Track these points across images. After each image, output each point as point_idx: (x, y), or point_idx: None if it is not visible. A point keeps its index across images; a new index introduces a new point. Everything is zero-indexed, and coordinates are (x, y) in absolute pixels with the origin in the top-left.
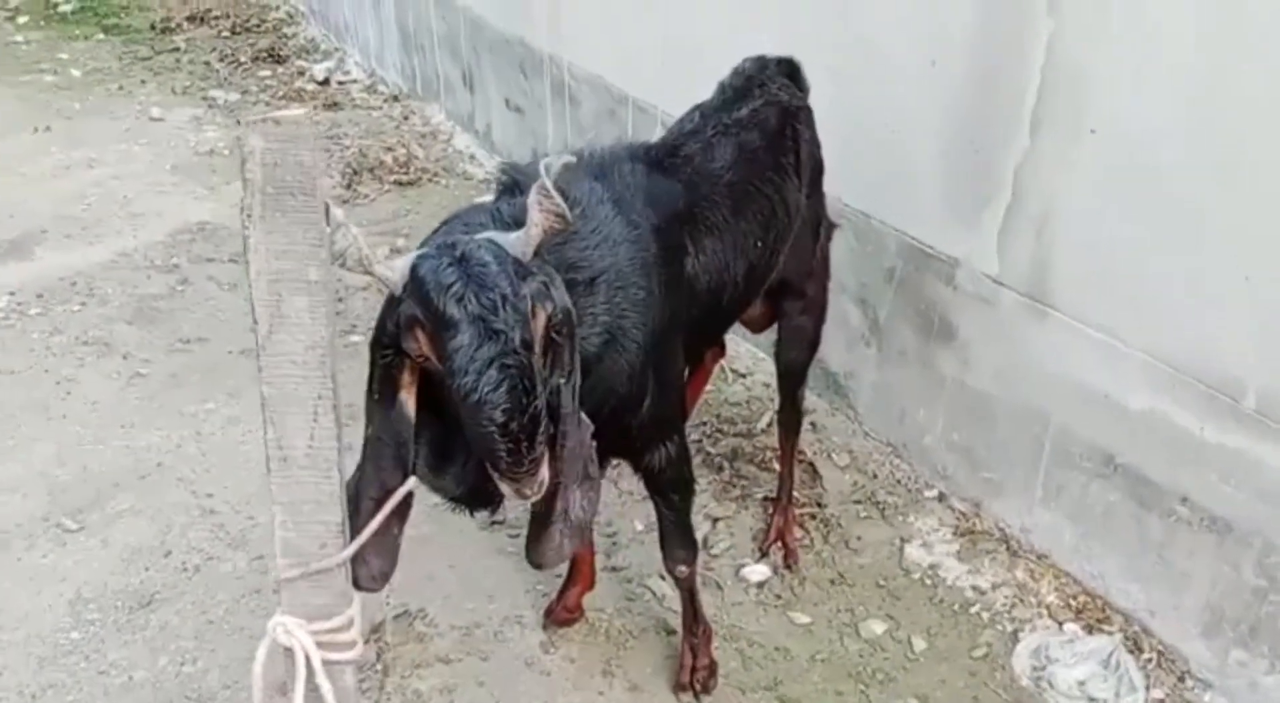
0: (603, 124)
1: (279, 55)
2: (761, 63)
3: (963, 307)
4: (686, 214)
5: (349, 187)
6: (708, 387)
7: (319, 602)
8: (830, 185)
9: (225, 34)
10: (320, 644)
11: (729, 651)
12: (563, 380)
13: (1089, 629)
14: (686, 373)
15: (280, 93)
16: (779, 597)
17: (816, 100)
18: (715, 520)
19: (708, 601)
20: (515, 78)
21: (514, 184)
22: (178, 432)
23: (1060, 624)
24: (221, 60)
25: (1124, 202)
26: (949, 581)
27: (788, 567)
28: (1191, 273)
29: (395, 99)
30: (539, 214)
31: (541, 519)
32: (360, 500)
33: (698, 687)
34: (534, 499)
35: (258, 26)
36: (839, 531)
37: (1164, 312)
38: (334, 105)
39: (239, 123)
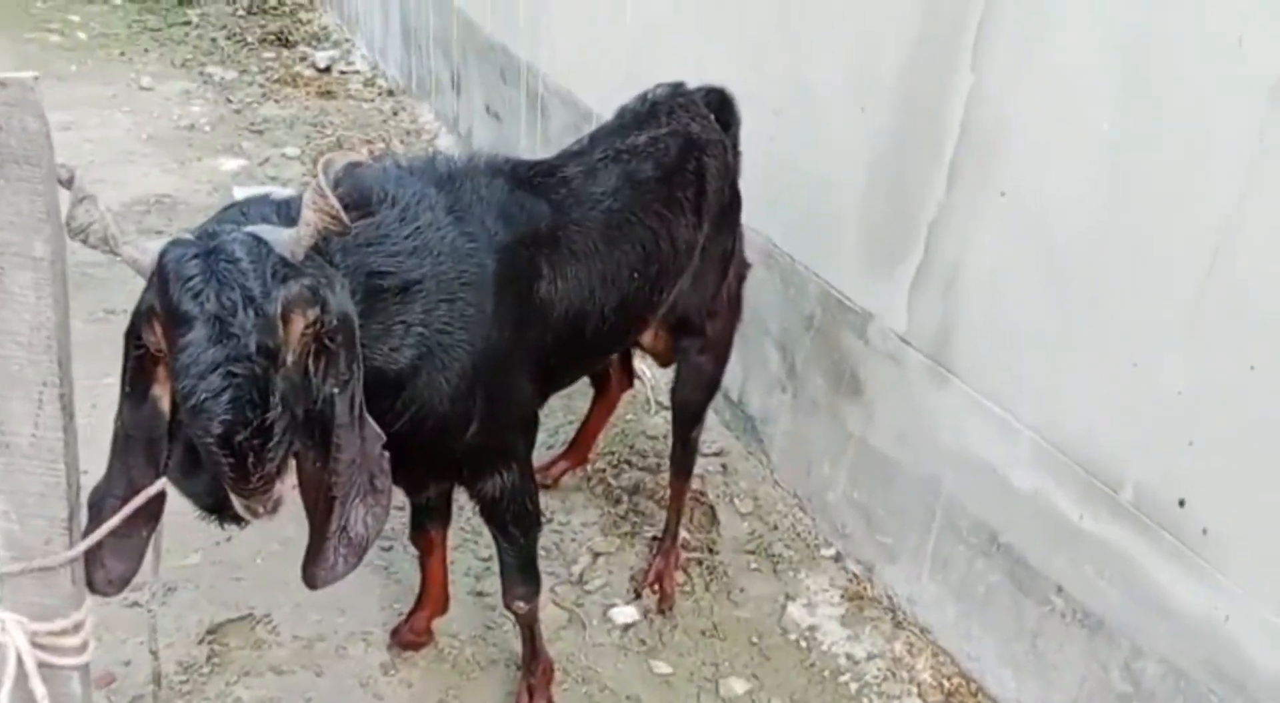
0: (568, 138)
1: (288, 39)
2: (674, 90)
3: (871, 363)
4: (548, 236)
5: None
6: (628, 416)
7: (43, 601)
8: (760, 225)
9: (240, 13)
10: (41, 646)
11: (577, 694)
12: (337, 390)
13: None
14: (591, 404)
15: (276, 76)
16: (644, 643)
17: (756, 138)
18: (597, 555)
19: (569, 638)
20: (496, 84)
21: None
22: None
23: None
24: (229, 38)
25: (1025, 270)
26: (825, 645)
27: (661, 612)
28: (1083, 352)
29: (391, 94)
30: (312, 213)
31: (316, 537)
32: (105, 498)
33: None
34: (266, 519)
35: (275, 8)
36: (724, 580)
37: (1054, 390)
38: (327, 93)
39: (228, 101)
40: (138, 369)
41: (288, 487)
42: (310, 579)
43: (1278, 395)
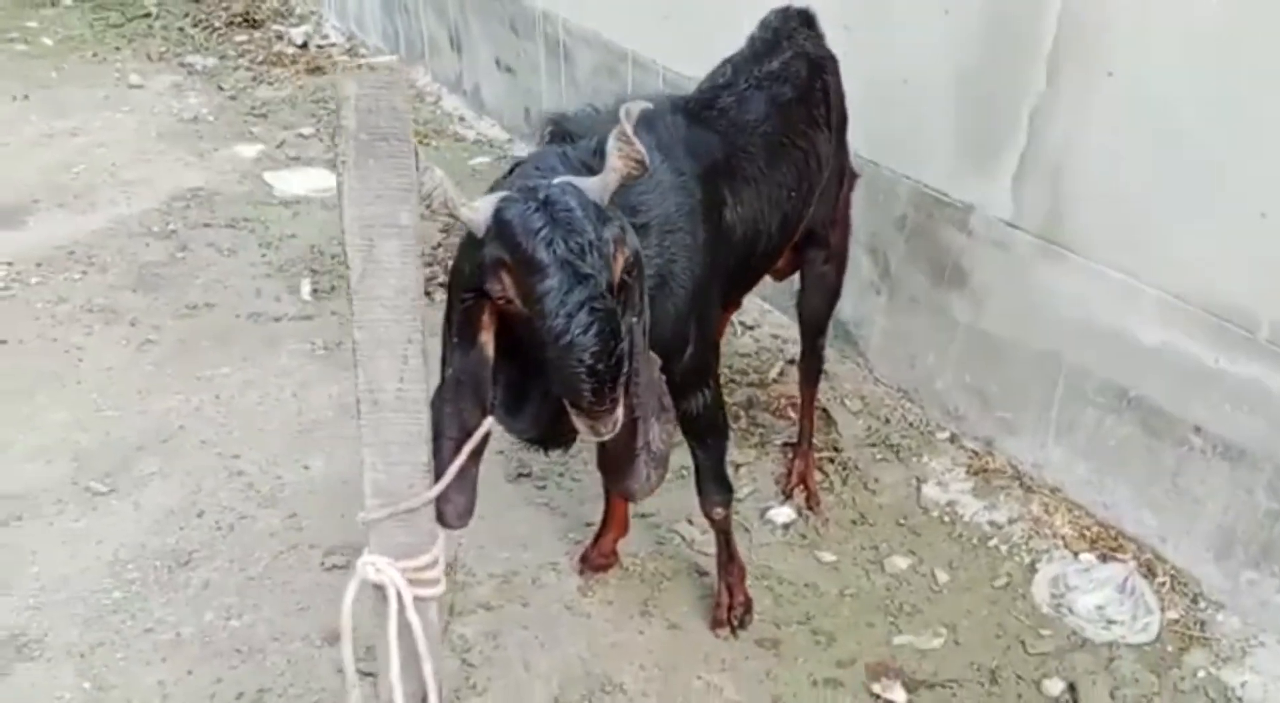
0: (601, 81)
1: (253, 19)
2: (785, 14)
3: (976, 252)
4: (724, 165)
5: None
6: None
7: (407, 541)
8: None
9: None
10: (410, 582)
11: (760, 588)
12: (635, 320)
13: (1103, 557)
14: None
15: (260, 58)
16: (804, 537)
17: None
18: (737, 467)
19: (737, 542)
20: (506, 37)
21: (563, 133)
22: (195, 396)
23: (1076, 554)
24: (195, 25)
25: (1141, 143)
26: (966, 517)
27: (810, 509)
28: (1208, 211)
29: None
30: (618, 160)
31: (625, 455)
32: (440, 440)
33: (735, 623)
34: (608, 437)
35: None
36: (857, 473)
37: (1180, 249)
38: (317, 69)
39: (220, 88)
40: (465, 319)
41: (622, 408)
42: (629, 494)
43: None
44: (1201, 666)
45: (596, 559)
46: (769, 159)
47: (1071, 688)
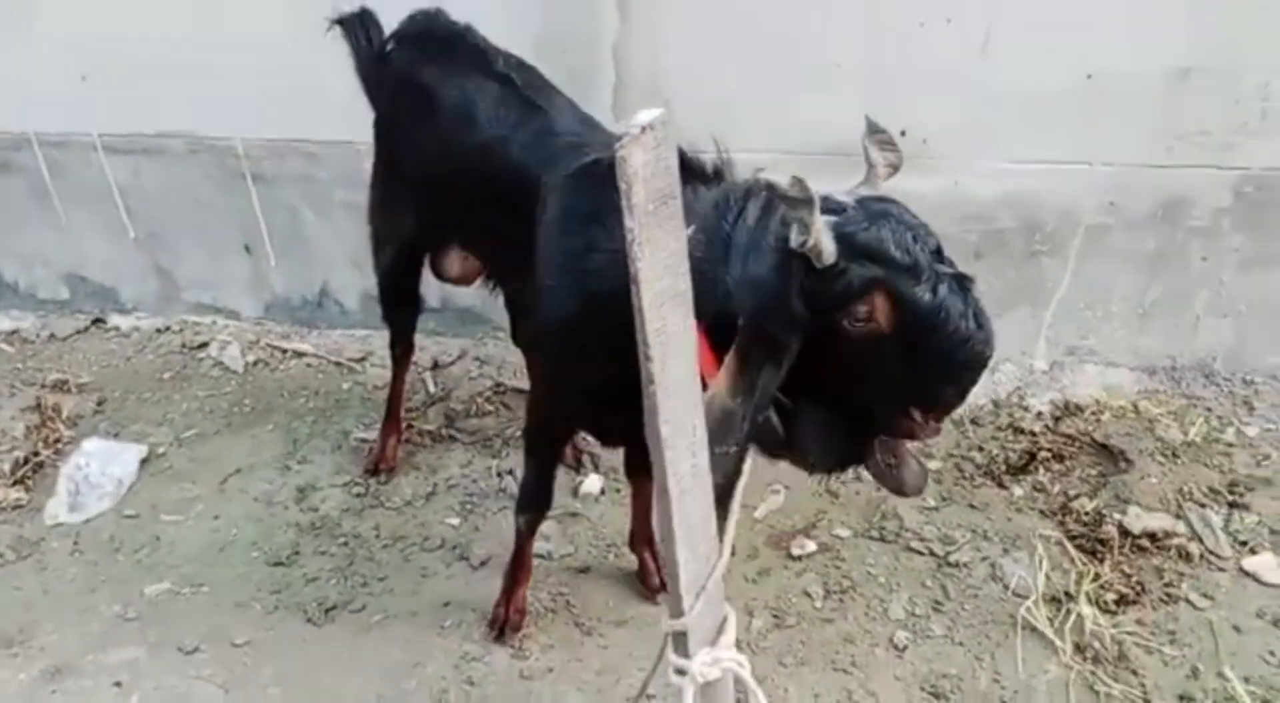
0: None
1: None
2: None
3: None
4: None
5: None
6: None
7: (711, 618)
8: None
9: None
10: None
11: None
12: None
13: None
14: None
15: None
16: (619, 491)
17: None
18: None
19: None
20: None
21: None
22: None
23: None
24: None
25: (720, 44)
26: None
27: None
28: (782, 82)
29: None
30: (883, 159)
31: (898, 456)
32: None
33: (665, 583)
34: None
35: None
36: None
37: (772, 115)
38: None
39: None
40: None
41: None
42: (910, 490)
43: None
44: None
45: (515, 617)
46: None
47: None
